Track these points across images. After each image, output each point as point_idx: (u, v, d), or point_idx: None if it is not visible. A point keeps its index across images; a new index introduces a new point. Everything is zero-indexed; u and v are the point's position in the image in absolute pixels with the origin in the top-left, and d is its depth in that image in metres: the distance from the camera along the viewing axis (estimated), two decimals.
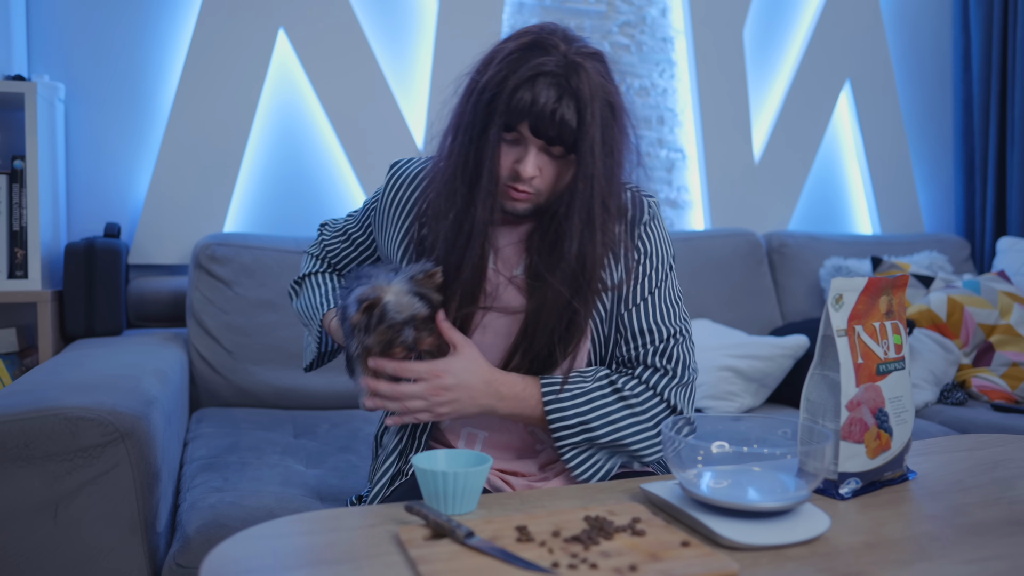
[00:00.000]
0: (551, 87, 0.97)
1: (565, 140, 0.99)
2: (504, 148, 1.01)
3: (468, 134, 1.01)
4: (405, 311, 1.00)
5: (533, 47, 0.99)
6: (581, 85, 0.98)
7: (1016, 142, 2.82)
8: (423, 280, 1.01)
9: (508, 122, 0.98)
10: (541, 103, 0.97)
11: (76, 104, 2.11)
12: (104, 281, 1.93)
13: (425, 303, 1.01)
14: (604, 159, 1.01)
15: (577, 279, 1.03)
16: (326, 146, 2.31)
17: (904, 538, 0.83)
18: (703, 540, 0.81)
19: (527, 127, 0.98)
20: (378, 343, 1.01)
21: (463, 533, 0.79)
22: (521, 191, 1.02)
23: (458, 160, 1.03)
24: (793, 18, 2.82)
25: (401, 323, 1.00)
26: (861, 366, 0.97)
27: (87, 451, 1.13)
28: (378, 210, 1.18)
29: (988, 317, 2.26)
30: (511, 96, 0.97)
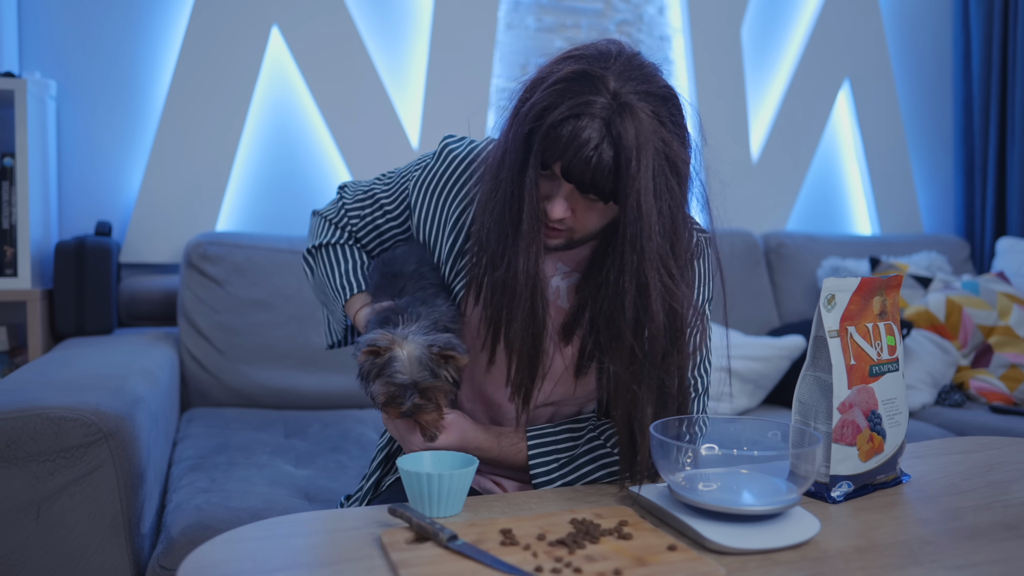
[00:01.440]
0: (590, 129, 0.87)
1: (600, 189, 0.89)
2: (543, 182, 0.93)
3: (509, 168, 0.93)
4: (408, 374, 0.95)
5: (581, 79, 0.88)
6: (625, 131, 0.87)
7: (1016, 142, 2.80)
8: (438, 356, 0.95)
9: (544, 160, 0.90)
10: (575, 146, 0.87)
11: (68, 101, 2.10)
12: (95, 280, 1.91)
13: (431, 376, 0.95)
14: (656, 216, 0.90)
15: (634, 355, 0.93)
16: (320, 144, 2.30)
17: (895, 542, 0.82)
18: (690, 544, 0.79)
19: (559, 168, 0.90)
20: (380, 394, 0.97)
21: (446, 536, 0.77)
22: (552, 228, 0.94)
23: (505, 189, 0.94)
24: (792, 17, 2.80)
25: (401, 385, 0.95)
26: (854, 367, 0.96)
27: (70, 451, 1.12)
28: (424, 184, 1.07)
29: (987, 318, 2.24)
30: (547, 134, 0.88)
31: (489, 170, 0.98)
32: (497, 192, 0.95)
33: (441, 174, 1.07)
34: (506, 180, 0.93)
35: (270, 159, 2.26)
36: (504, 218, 0.94)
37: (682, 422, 0.93)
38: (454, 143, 1.09)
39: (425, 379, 0.95)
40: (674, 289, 0.92)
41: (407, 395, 0.95)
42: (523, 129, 0.90)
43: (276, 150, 2.26)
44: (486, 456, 1.03)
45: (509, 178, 0.93)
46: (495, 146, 0.98)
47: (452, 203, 1.06)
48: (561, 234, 0.96)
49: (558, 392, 1.06)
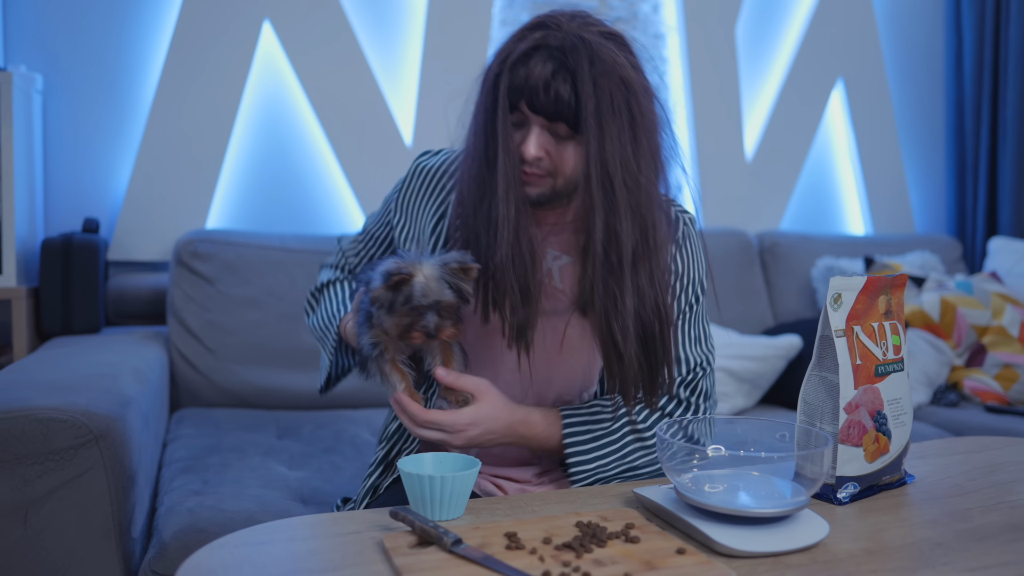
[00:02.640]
0: (547, 61, 0.92)
1: (565, 116, 0.93)
2: (517, 132, 0.97)
3: (482, 119, 0.98)
4: (432, 295, 0.94)
5: (537, 25, 0.96)
6: (581, 59, 0.92)
7: (1008, 142, 2.82)
8: (457, 270, 0.95)
9: (511, 101, 0.94)
10: (535, 76, 0.92)
11: (54, 96, 2.06)
12: (82, 278, 1.88)
13: (454, 292, 0.95)
14: (617, 139, 0.94)
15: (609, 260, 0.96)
16: (312, 140, 2.27)
17: (905, 544, 0.81)
18: (699, 547, 0.78)
19: (524, 104, 0.94)
20: (396, 326, 0.95)
21: (450, 540, 0.75)
22: (531, 173, 0.97)
23: (476, 146, 0.98)
24: (786, 16, 2.80)
25: (425, 307, 0.94)
26: (860, 367, 0.95)
27: (59, 453, 1.09)
28: (400, 203, 1.12)
29: (980, 318, 2.24)
30: (510, 74, 0.94)
31: (467, 139, 1.01)
32: (473, 148, 0.99)
33: (416, 189, 1.10)
34: (479, 132, 0.97)
35: (261, 155, 2.23)
36: (481, 168, 0.97)
37: (691, 423, 0.92)
38: (426, 159, 1.12)
39: (446, 296, 0.95)
40: (640, 198, 0.97)
41: (429, 318, 0.95)
42: (489, 80, 0.96)
43: (268, 146, 2.23)
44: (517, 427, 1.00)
45: (482, 129, 0.97)
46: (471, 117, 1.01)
47: (427, 214, 1.08)
48: (541, 179, 0.97)
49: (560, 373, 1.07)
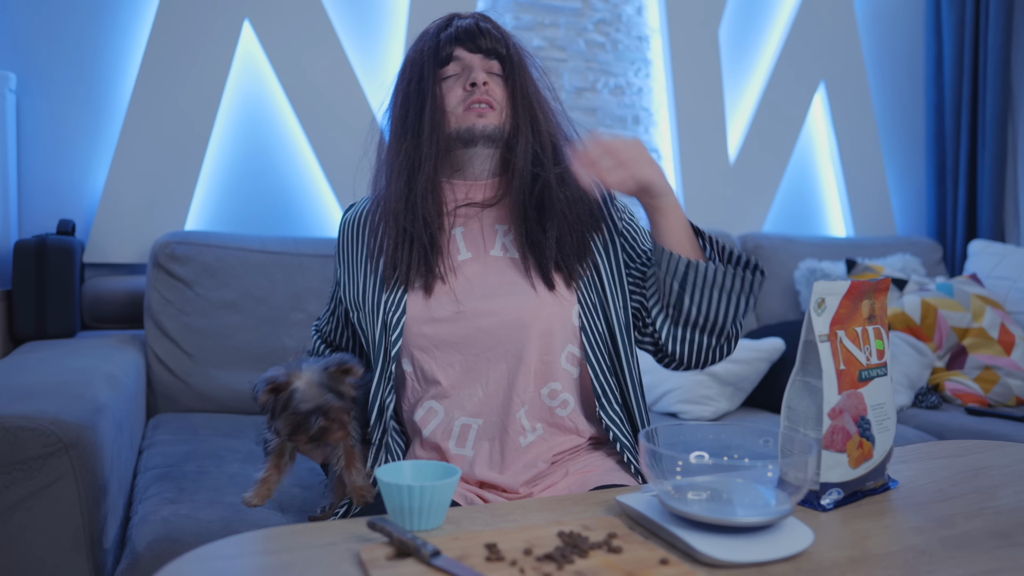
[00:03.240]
0: (466, 19, 1.13)
1: (498, 51, 1.11)
2: (449, 83, 1.10)
3: (404, 92, 1.12)
4: (312, 401, 0.99)
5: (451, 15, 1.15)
6: (493, 21, 1.15)
7: (987, 145, 2.84)
8: (336, 373, 1.02)
9: (442, 56, 1.09)
10: (466, 25, 1.11)
11: (28, 95, 2.02)
12: (56, 280, 1.84)
13: (335, 396, 1.01)
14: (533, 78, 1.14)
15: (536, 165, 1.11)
16: (293, 142, 2.24)
17: (890, 552, 0.80)
18: (682, 557, 0.76)
19: (462, 50, 1.10)
20: (285, 427, 1.00)
21: (428, 552, 0.74)
22: (481, 101, 1.08)
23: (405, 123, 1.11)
24: (768, 19, 2.80)
25: (306, 412, 0.99)
26: (843, 372, 0.94)
27: (27, 463, 1.06)
28: (338, 260, 1.21)
29: (961, 320, 2.26)
30: (436, 35, 1.11)
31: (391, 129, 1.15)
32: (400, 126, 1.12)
33: (345, 243, 1.20)
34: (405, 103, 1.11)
35: (241, 156, 2.20)
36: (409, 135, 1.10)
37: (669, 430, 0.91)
38: (348, 213, 1.23)
39: (329, 401, 1.00)
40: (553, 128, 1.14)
41: (312, 421, 0.99)
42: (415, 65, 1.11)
43: (247, 147, 2.20)
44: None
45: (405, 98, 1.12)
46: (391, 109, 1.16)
47: (361, 255, 1.16)
48: (492, 108, 1.09)
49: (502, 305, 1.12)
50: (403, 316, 1.09)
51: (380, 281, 1.12)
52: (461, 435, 1.10)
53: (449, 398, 1.10)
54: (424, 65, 1.10)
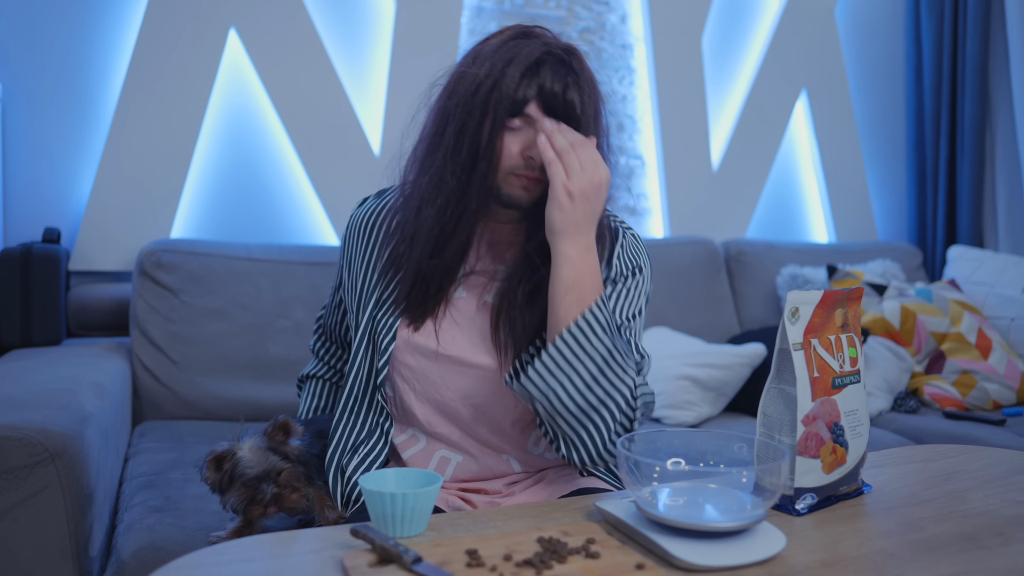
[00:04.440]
0: (558, 67, 0.98)
1: (573, 118, 0.99)
2: (509, 136, 0.98)
3: (460, 125, 0.98)
4: (258, 466, 0.99)
5: (525, 35, 1.00)
6: (581, 67, 1.00)
7: (966, 152, 2.89)
8: (274, 432, 1.02)
9: (515, 106, 0.97)
10: (551, 83, 0.97)
11: (13, 103, 2.02)
12: (42, 288, 1.84)
13: (280, 458, 1.01)
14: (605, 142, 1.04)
15: None
16: (279, 150, 2.25)
17: (860, 556, 0.82)
18: (658, 562, 0.78)
19: (537, 107, 0.97)
20: (239, 504, 1.00)
21: (410, 559, 0.75)
22: (532, 178, 0.99)
23: (448, 153, 0.99)
24: (750, 28, 2.84)
25: (255, 478, 0.99)
26: (817, 380, 0.96)
27: (13, 473, 1.06)
28: (344, 252, 1.15)
29: (939, 325, 2.29)
30: (519, 81, 0.96)
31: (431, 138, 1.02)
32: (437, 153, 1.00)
33: (353, 243, 1.13)
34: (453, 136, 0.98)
35: (227, 164, 2.21)
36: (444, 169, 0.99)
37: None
38: (357, 211, 1.16)
39: (275, 464, 0.99)
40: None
41: (264, 488, 0.99)
42: (482, 89, 0.96)
43: (233, 155, 2.21)
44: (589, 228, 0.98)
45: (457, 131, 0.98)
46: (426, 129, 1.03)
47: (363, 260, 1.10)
48: (540, 185, 0.99)
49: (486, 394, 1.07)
50: (392, 342, 1.06)
51: (376, 295, 1.08)
52: (440, 464, 1.10)
53: (427, 433, 1.09)
54: (492, 106, 0.96)
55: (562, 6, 2.57)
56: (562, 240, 0.97)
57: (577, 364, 0.96)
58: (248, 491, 0.99)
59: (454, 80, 1.01)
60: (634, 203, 2.70)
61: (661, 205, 2.72)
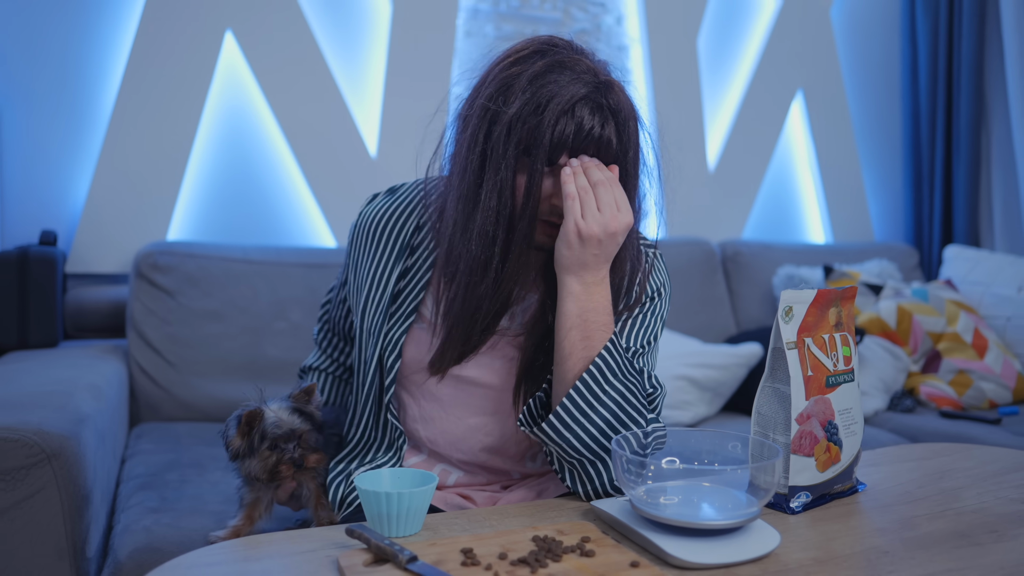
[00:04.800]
0: (593, 111, 0.93)
1: (605, 159, 0.96)
2: (547, 183, 0.95)
3: (496, 170, 0.93)
4: (285, 425, 1.00)
5: (558, 68, 0.93)
6: (620, 105, 0.95)
7: (962, 152, 2.89)
8: (300, 396, 1.03)
9: (551, 155, 0.93)
10: (587, 129, 0.92)
11: (9, 104, 2.02)
12: (38, 291, 1.84)
13: (305, 420, 1.02)
14: (635, 175, 1.00)
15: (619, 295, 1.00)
16: (275, 152, 2.25)
17: (854, 553, 0.82)
18: (653, 559, 0.79)
19: (566, 155, 0.94)
20: (263, 468, 1.00)
21: (406, 558, 0.75)
22: (558, 224, 0.95)
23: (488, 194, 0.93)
24: (746, 29, 2.85)
25: (283, 437, 1.00)
26: (811, 378, 0.97)
27: (10, 474, 1.07)
28: (351, 252, 1.11)
29: (936, 325, 2.30)
30: (553, 127, 0.91)
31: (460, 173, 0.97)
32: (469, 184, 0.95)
33: (361, 242, 1.09)
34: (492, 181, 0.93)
35: (224, 166, 2.21)
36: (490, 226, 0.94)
37: (645, 435, 0.93)
38: (367, 208, 1.12)
39: (299, 426, 1.00)
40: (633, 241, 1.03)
41: (290, 448, 1.00)
42: (516, 129, 0.91)
43: (230, 157, 2.21)
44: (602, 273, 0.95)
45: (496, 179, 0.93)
46: (456, 166, 0.97)
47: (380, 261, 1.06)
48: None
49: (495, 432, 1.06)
50: (398, 360, 1.04)
51: (385, 307, 1.04)
52: (441, 476, 1.09)
53: (428, 446, 1.09)
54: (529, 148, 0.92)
55: (558, 8, 2.58)
56: (567, 275, 0.95)
57: (590, 412, 0.94)
58: (274, 453, 0.99)
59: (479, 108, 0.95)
60: None
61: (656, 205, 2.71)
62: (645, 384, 1.01)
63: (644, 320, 1.06)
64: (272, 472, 1.00)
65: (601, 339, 0.95)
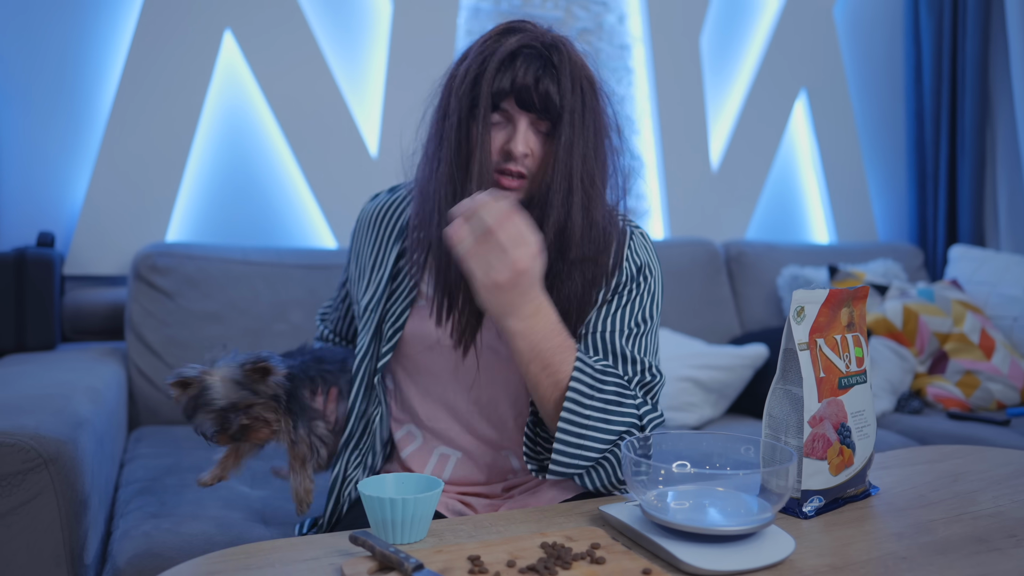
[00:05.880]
0: (533, 59, 0.97)
1: (551, 112, 0.97)
2: (494, 131, 0.99)
3: (455, 119, 0.98)
4: (226, 398, 0.95)
5: (508, 31, 1.00)
6: (562, 59, 0.98)
7: (966, 152, 2.88)
8: (251, 372, 0.97)
9: (494, 101, 0.97)
10: (523, 75, 0.96)
11: (6, 105, 2.00)
12: (36, 293, 1.82)
13: (251, 394, 0.96)
14: (584, 131, 0.99)
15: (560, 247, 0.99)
16: (275, 152, 2.23)
17: (871, 559, 0.80)
18: (665, 567, 0.77)
19: (513, 102, 0.97)
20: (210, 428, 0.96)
21: (412, 566, 0.73)
22: (514, 172, 0.98)
23: (448, 149, 0.99)
24: (749, 28, 2.83)
25: (221, 409, 0.95)
26: (823, 380, 0.95)
27: (7, 479, 1.05)
28: (353, 247, 1.14)
29: (942, 325, 2.28)
30: (495, 74, 0.96)
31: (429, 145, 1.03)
32: (440, 153, 1.00)
33: (362, 236, 1.12)
34: (449, 135, 0.98)
35: (223, 167, 2.19)
36: (452, 170, 0.98)
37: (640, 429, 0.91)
38: (367, 205, 1.16)
39: (245, 398, 0.95)
40: (593, 198, 1.00)
41: (232, 419, 0.95)
42: (465, 83, 0.98)
43: (229, 158, 2.19)
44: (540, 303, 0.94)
45: (454, 131, 0.98)
46: (429, 127, 1.03)
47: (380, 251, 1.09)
48: (522, 181, 0.99)
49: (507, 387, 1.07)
50: (399, 332, 1.05)
51: (386, 286, 1.07)
52: (440, 463, 1.10)
53: (424, 428, 1.09)
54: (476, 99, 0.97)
55: (560, 7, 2.56)
56: (502, 321, 0.93)
57: (584, 439, 0.95)
58: (218, 418, 0.95)
59: (447, 78, 1.02)
60: (634, 204, 2.69)
61: (661, 206, 2.70)
62: (625, 375, 1.01)
63: (631, 302, 1.04)
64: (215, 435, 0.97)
65: (561, 362, 0.95)
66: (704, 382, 2.03)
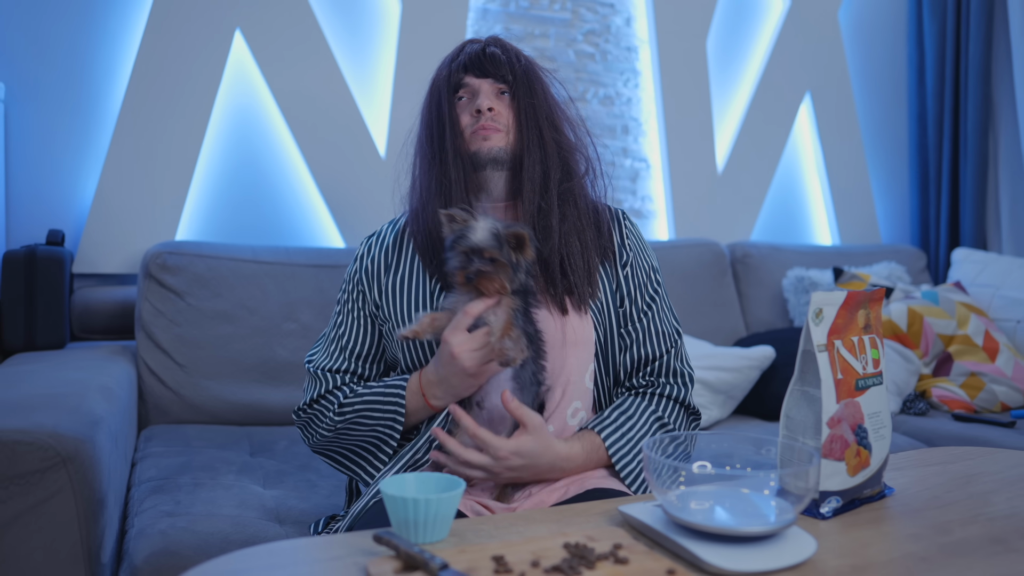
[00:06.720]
0: (476, 43, 1.21)
1: (502, 71, 1.16)
2: (461, 107, 1.17)
3: (428, 118, 1.19)
4: (478, 240, 1.03)
5: (469, 42, 1.22)
6: (501, 43, 1.21)
7: (969, 154, 2.89)
8: (510, 235, 1.04)
9: (455, 81, 1.17)
10: (471, 50, 1.19)
11: (17, 104, 2.00)
12: (46, 291, 1.82)
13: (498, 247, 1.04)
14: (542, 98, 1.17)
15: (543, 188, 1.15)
16: (284, 151, 2.24)
17: (891, 560, 0.81)
18: (688, 567, 0.77)
19: (470, 75, 1.17)
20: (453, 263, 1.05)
21: (437, 565, 0.74)
22: (487, 126, 1.14)
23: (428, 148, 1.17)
24: (755, 31, 2.84)
25: (469, 248, 1.03)
26: (841, 382, 0.95)
27: (25, 478, 1.05)
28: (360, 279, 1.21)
29: (946, 327, 2.29)
30: (450, 64, 1.18)
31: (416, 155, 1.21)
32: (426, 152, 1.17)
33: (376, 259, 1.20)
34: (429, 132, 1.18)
35: (232, 166, 2.19)
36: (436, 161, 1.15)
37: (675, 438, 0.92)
38: (371, 235, 1.26)
39: (493, 248, 1.02)
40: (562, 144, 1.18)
41: (475, 261, 1.03)
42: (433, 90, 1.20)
43: (239, 157, 2.20)
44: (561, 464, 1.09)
45: (434, 123, 1.17)
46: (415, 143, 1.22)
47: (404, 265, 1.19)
48: (497, 131, 1.15)
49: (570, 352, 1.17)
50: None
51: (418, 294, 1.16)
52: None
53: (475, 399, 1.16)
54: (441, 92, 1.17)
55: (567, 8, 2.57)
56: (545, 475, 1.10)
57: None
58: (463, 256, 1.04)
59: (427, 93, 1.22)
60: (640, 205, 2.70)
61: (666, 207, 2.71)
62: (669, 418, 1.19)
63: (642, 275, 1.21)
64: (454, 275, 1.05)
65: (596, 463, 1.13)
66: (712, 383, 2.03)
